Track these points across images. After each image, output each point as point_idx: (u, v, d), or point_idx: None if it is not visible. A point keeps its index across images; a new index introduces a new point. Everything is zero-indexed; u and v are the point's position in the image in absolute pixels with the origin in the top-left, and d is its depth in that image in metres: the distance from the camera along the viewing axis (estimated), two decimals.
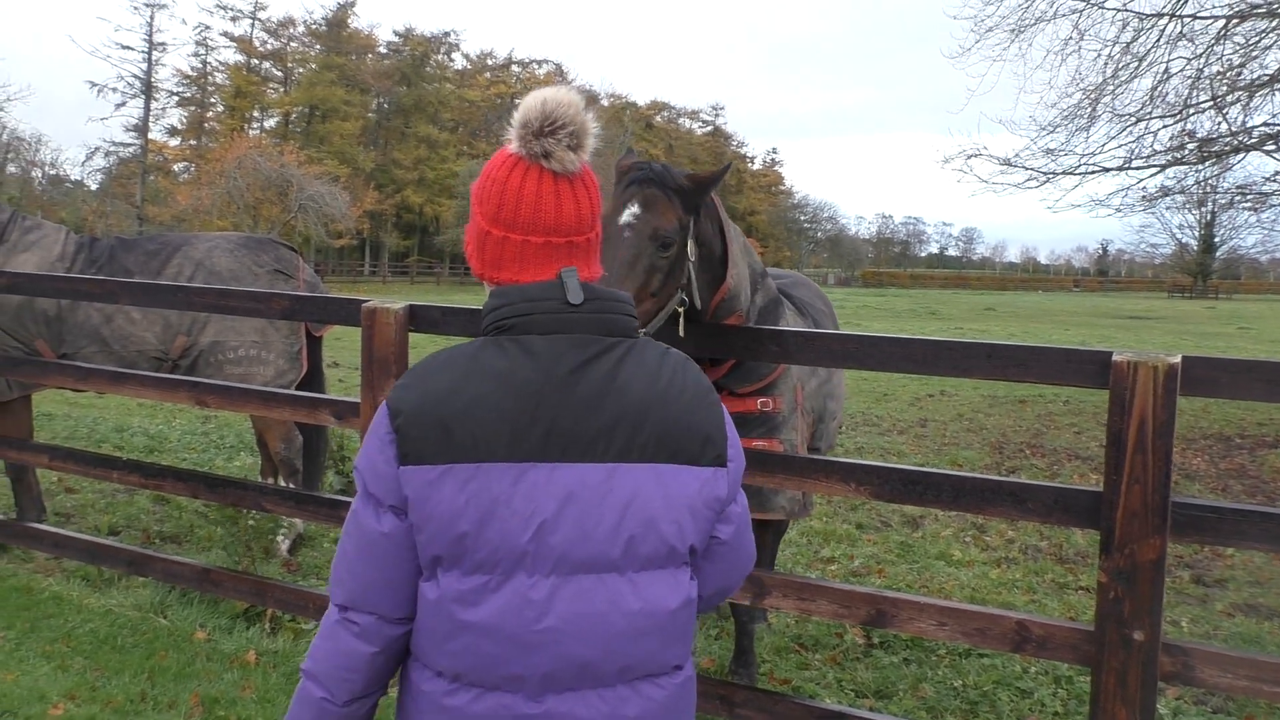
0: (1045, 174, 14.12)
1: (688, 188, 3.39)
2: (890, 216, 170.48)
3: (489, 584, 1.59)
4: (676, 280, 3.36)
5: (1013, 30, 13.80)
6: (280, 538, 5.96)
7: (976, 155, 14.37)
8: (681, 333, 3.45)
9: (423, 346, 17.17)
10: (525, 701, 1.61)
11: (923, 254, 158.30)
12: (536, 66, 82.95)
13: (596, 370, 1.64)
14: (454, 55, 78.47)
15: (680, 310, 3.40)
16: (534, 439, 1.59)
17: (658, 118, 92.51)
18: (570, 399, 1.61)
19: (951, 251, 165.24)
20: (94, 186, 60.48)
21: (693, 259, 3.41)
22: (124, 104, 61.50)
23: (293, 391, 5.24)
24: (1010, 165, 14.28)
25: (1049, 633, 3.11)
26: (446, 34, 76.05)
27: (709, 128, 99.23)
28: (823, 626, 5.14)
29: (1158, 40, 13.06)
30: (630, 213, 3.30)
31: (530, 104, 1.72)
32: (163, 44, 62.64)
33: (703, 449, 1.68)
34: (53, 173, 54.54)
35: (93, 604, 4.97)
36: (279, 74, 70.29)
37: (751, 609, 4.22)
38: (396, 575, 1.64)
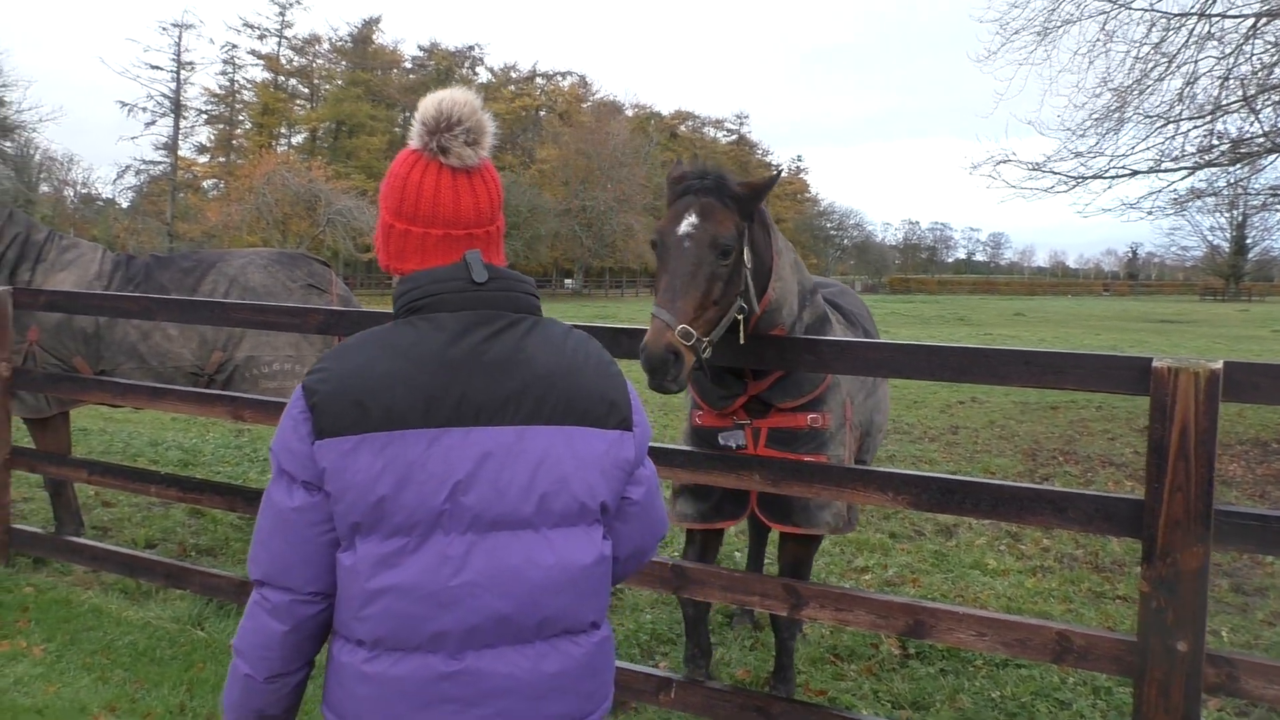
0: (1075, 178, 14.03)
1: (743, 195, 3.41)
2: (917, 222, 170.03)
3: (407, 546, 1.65)
4: (736, 287, 3.36)
5: (1039, 33, 13.75)
6: None
7: (1005, 161, 14.30)
8: (743, 340, 3.45)
9: None
10: (445, 660, 1.66)
11: (950, 260, 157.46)
12: (560, 78, 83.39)
13: (504, 342, 1.74)
14: (478, 69, 79.08)
15: (740, 317, 3.40)
16: (447, 406, 1.67)
17: (682, 127, 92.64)
18: (479, 368, 1.70)
19: (979, 257, 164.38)
20: (125, 204, 61.28)
21: (748, 266, 3.42)
22: (154, 123, 62.39)
23: None
24: (1039, 170, 14.20)
25: (1091, 643, 3.08)
26: (471, 48, 76.78)
27: (733, 136, 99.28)
28: (858, 637, 5.10)
29: (1186, 40, 12.97)
30: (689, 222, 3.31)
31: (427, 104, 1.83)
32: (191, 63, 63.57)
33: (609, 413, 1.78)
34: (84, 191, 55.45)
35: (131, 616, 5.01)
36: (305, 90, 70.98)
37: (792, 624, 4.20)
38: (308, 550, 1.69)
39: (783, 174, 3.65)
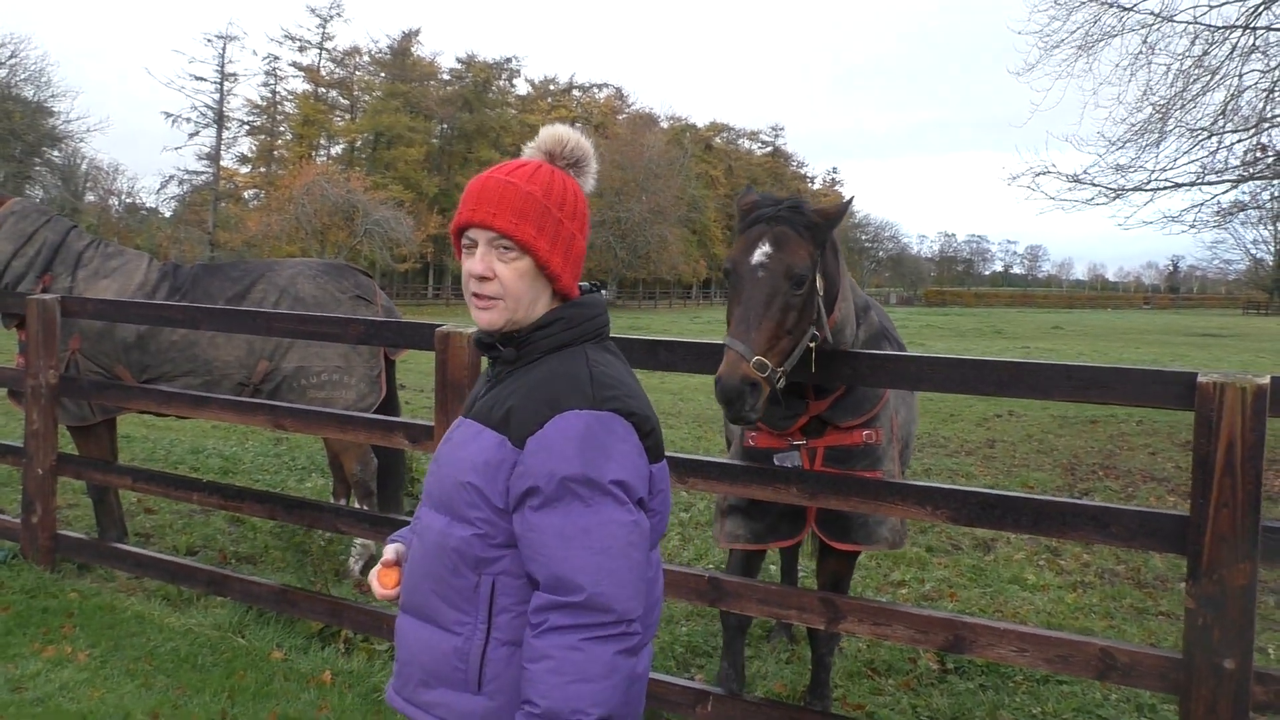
0: (1115, 190, 13.88)
1: (818, 223, 3.37)
2: (953, 234, 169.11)
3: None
4: (809, 317, 3.33)
5: (1080, 45, 13.63)
6: (352, 559, 6.05)
7: (1045, 173, 14.17)
8: (814, 368, 3.42)
9: None
10: None
11: (986, 272, 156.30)
12: (597, 90, 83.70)
13: None
14: (515, 81, 79.48)
15: (812, 345, 3.36)
16: None
17: (717, 139, 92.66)
18: None
19: (1016, 269, 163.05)
20: (168, 214, 62.22)
21: (820, 293, 3.39)
22: (197, 133, 63.33)
23: (367, 415, 5.32)
24: (1079, 182, 14.06)
25: (1135, 660, 3.05)
26: (508, 60, 77.09)
27: (768, 148, 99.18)
28: (895, 651, 5.07)
29: (1230, 53, 12.80)
30: (762, 252, 3.28)
31: (554, 135, 1.97)
32: (234, 75, 64.45)
33: None
34: (129, 201, 56.31)
35: (173, 623, 5.08)
36: (345, 102, 71.66)
37: (830, 639, 4.17)
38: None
39: (853, 200, 3.63)
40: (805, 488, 3.53)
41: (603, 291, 1.98)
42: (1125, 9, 13.20)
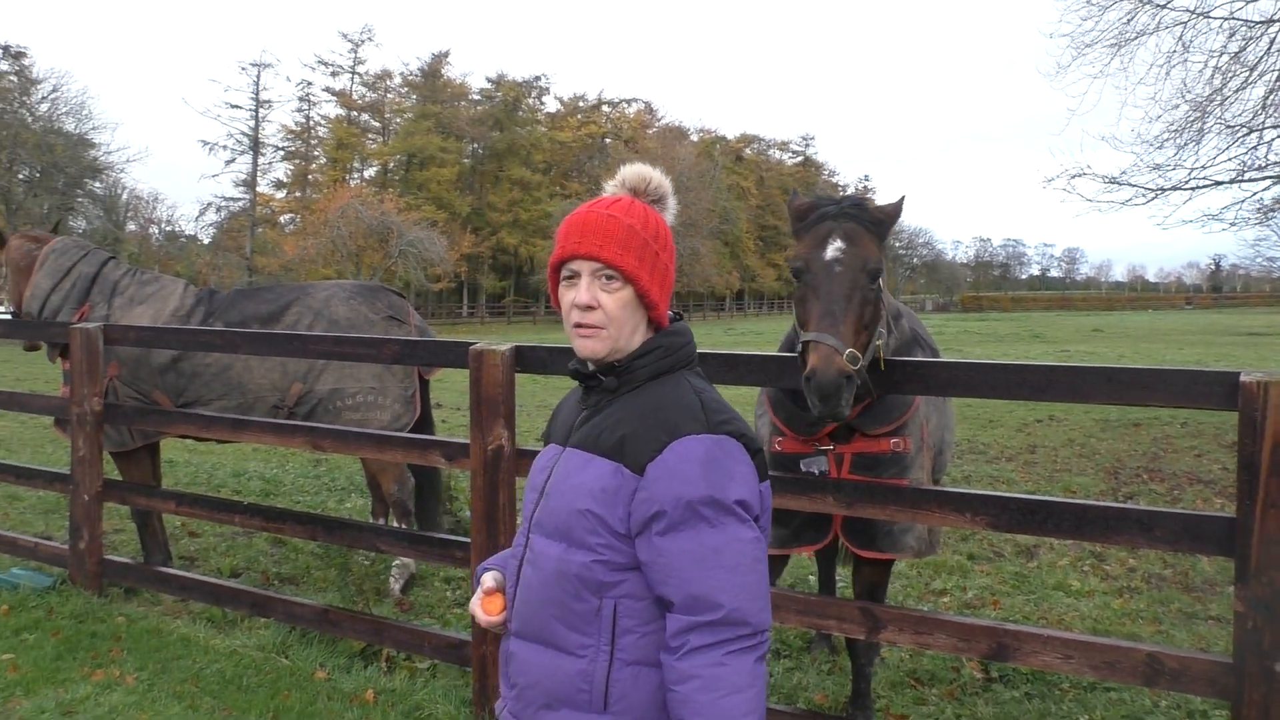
0: (1153, 190, 13.72)
1: (881, 220, 3.38)
2: (988, 239, 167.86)
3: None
4: (880, 313, 3.34)
5: (1113, 45, 13.52)
6: (392, 579, 6.08)
7: (1080, 175, 14.04)
8: (883, 366, 3.41)
9: (527, 387, 17.35)
10: None
11: (1024, 276, 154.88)
12: (626, 106, 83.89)
13: None
14: (545, 99, 79.85)
15: (879, 343, 3.35)
16: None
17: (747, 150, 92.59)
18: None
19: (1054, 273, 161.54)
20: (207, 240, 63.09)
21: (883, 290, 3.40)
22: (233, 160, 64.20)
23: (404, 434, 5.36)
24: (1116, 183, 13.91)
25: (1183, 665, 2.99)
26: (537, 78, 77.47)
27: (799, 158, 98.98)
28: (938, 660, 5.01)
29: (1269, 48, 12.63)
30: (835, 247, 3.28)
31: (639, 172, 2.07)
32: (268, 101, 65.33)
33: None
34: (169, 229, 57.25)
35: (218, 645, 5.13)
36: (377, 125, 72.41)
37: (870, 649, 4.14)
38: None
39: (904, 200, 3.63)
40: (842, 496, 3.51)
41: (683, 319, 2.05)
42: (1160, 6, 13.09)
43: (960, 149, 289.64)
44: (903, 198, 3.65)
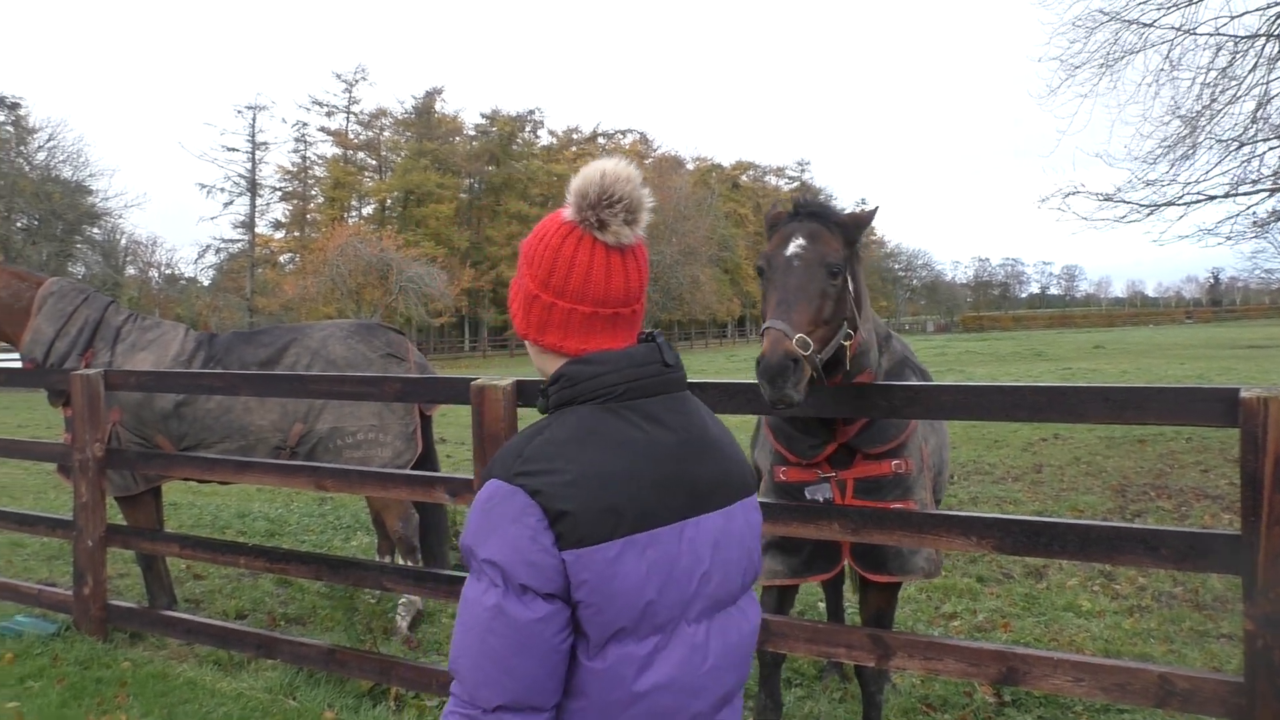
0: (1148, 206, 13.77)
1: (847, 222, 3.46)
2: (987, 259, 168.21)
3: (660, 642, 1.62)
4: (843, 310, 3.38)
5: (1101, 65, 13.60)
6: (399, 616, 6.05)
7: (1075, 193, 14.09)
8: (849, 366, 3.46)
9: (530, 421, 17.28)
10: None
11: (1023, 295, 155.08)
12: (621, 136, 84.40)
13: (698, 425, 1.76)
14: (539, 132, 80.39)
15: (846, 343, 3.41)
16: (680, 497, 1.67)
17: (744, 177, 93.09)
18: (694, 455, 1.72)
19: (1054, 290, 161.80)
20: (206, 282, 63.36)
21: (852, 293, 3.44)
22: (231, 202, 64.65)
23: (408, 471, 5.36)
24: (1110, 200, 13.96)
25: (1195, 686, 2.98)
26: (531, 112, 78.02)
27: (795, 183, 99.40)
28: (950, 685, 4.98)
29: (1255, 63, 12.71)
30: (797, 244, 3.36)
31: (589, 174, 1.74)
32: (264, 143, 65.84)
33: (752, 481, 1.85)
34: (168, 272, 57.51)
35: (225, 688, 5.10)
36: (374, 163, 72.88)
37: (879, 676, 4.12)
38: (554, 661, 1.58)
39: (878, 210, 3.68)
40: (848, 523, 3.51)
41: (656, 339, 1.80)
42: (1146, 25, 13.18)
43: (956, 170, 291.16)
44: (875, 209, 3.71)
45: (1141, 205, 13.81)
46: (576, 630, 1.60)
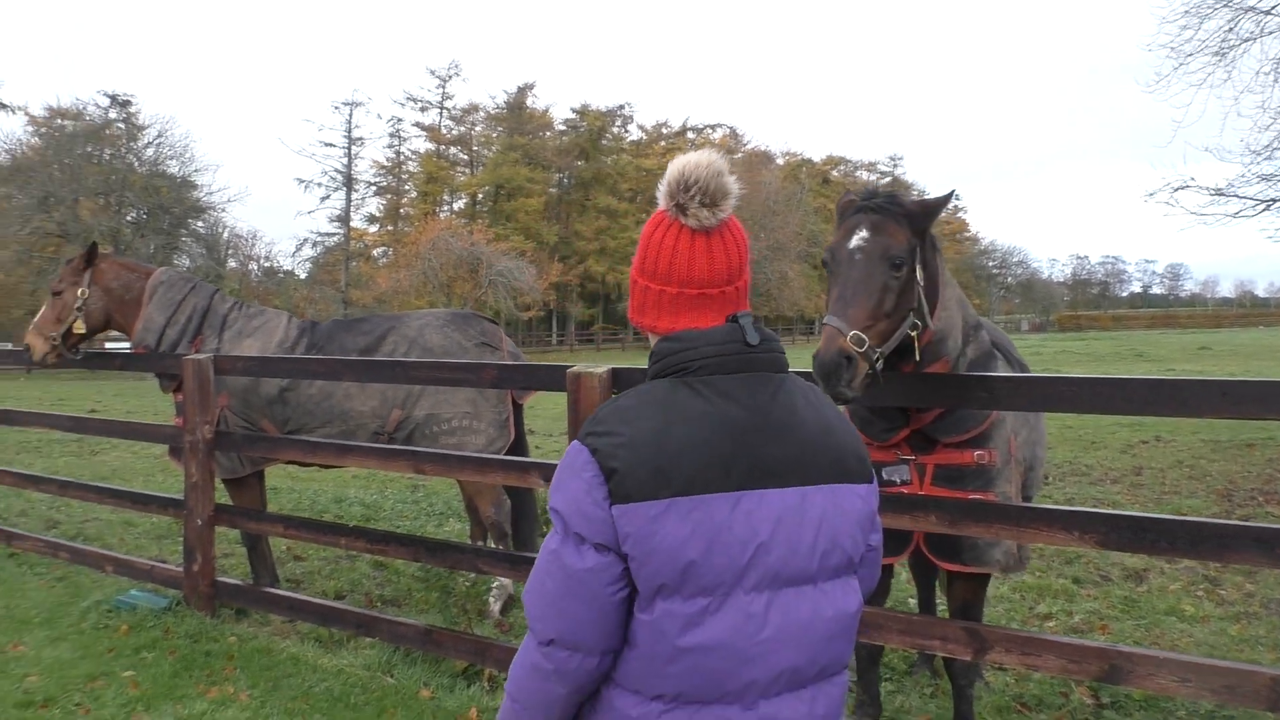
0: (1263, 201, 13.25)
1: (915, 211, 3.43)
2: (1085, 257, 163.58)
3: (710, 605, 1.69)
4: (908, 302, 3.37)
5: (1215, 54, 13.12)
6: (492, 599, 6.16)
7: (1184, 187, 13.63)
8: (917, 356, 3.45)
9: None
10: (741, 711, 1.72)
11: (1124, 294, 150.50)
12: (710, 131, 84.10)
13: (781, 404, 1.81)
14: (629, 127, 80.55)
15: (913, 334, 3.40)
16: (741, 470, 1.73)
17: (834, 172, 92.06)
18: (766, 431, 1.77)
19: (1156, 290, 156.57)
20: (303, 275, 64.97)
21: (921, 283, 3.42)
22: (328, 197, 66.22)
23: (504, 457, 5.45)
24: (1222, 195, 13.47)
25: None
26: (621, 107, 78.22)
27: (887, 178, 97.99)
28: (1045, 685, 4.89)
29: None
30: (859, 237, 3.36)
31: (673, 165, 1.88)
32: (360, 139, 67.27)
33: (860, 468, 1.86)
34: (267, 265, 59.04)
35: (325, 664, 5.26)
36: (465, 158, 73.94)
37: (968, 670, 4.06)
38: (604, 608, 1.72)
39: (954, 194, 3.66)
40: (945, 515, 3.47)
41: (739, 319, 1.87)
42: (1264, 12, 12.68)
43: (1054, 165, 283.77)
44: (950, 193, 3.68)
45: (1256, 200, 13.30)
46: (632, 584, 1.72)
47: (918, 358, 3.46)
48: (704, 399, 1.76)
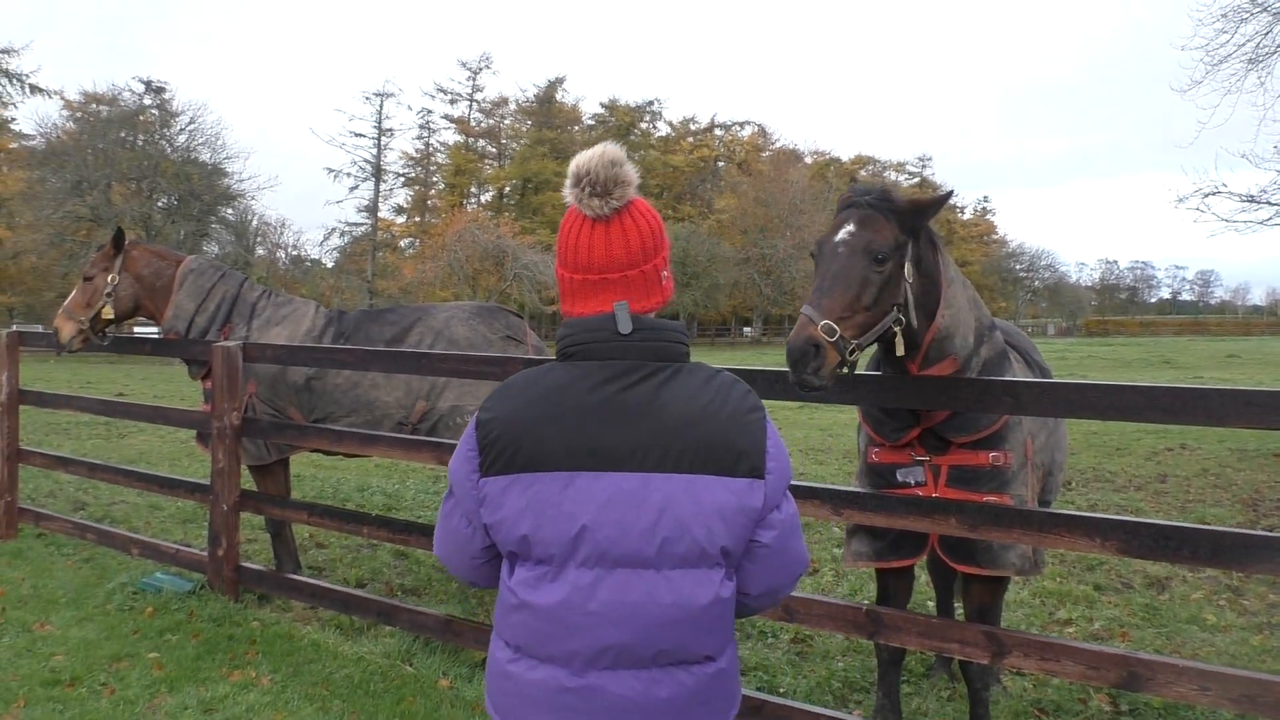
0: None
1: (905, 209, 3.44)
2: (1114, 262, 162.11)
3: (547, 574, 1.85)
4: (891, 297, 3.37)
5: (1249, 60, 13.00)
6: None
7: (1215, 193, 13.51)
8: (900, 351, 3.46)
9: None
10: (570, 675, 1.84)
11: (1152, 300, 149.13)
12: (739, 128, 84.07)
13: (640, 391, 1.87)
14: (658, 123, 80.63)
15: (897, 329, 3.41)
16: (582, 451, 1.83)
17: (862, 172, 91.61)
18: (614, 416, 1.85)
19: (1185, 296, 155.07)
20: (330, 264, 65.41)
21: (910, 280, 3.43)
22: (356, 187, 66.74)
23: None
24: (1254, 201, 13.35)
25: None
26: (650, 103, 78.41)
27: (915, 179, 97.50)
28: (1064, 691, 4.88)
29: None
30: (845, 230, 3.40)
31: (572, 162, 2.00)
32: (390, 130, 67.68)
33: (736, 461, 1.86)
34: (294, 253, 59.47)
35: (346, 651, 5.31)
36: (494, 151, 74.21)
37: (984, 673, 4.06)
38: (470, 556, 2.00)
39: (953, 194, 3.67)
40: (965, 519, 3.47)
41: (615, 313, 1.95)
42: None
43: (1084, 170, 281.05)
44: (949, 193, 3.69)
45: None
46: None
47: (900, 352, 3.47)
48: (564, 382, 1.88)
